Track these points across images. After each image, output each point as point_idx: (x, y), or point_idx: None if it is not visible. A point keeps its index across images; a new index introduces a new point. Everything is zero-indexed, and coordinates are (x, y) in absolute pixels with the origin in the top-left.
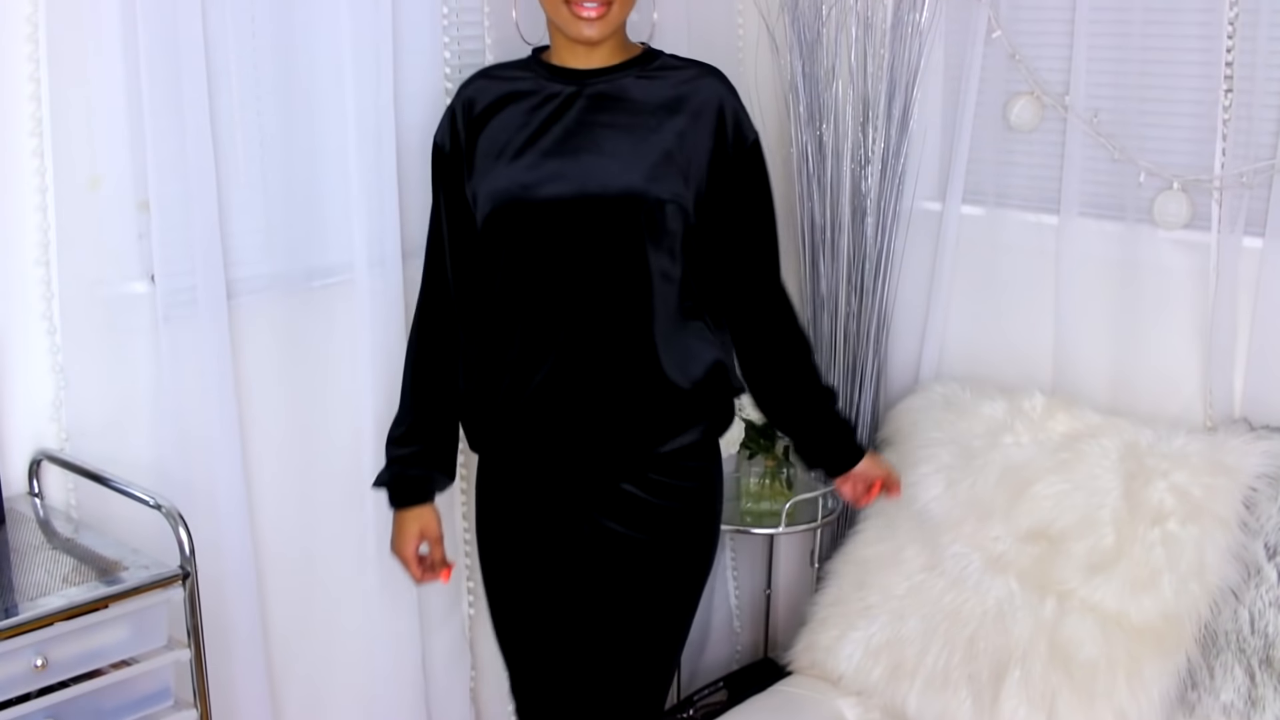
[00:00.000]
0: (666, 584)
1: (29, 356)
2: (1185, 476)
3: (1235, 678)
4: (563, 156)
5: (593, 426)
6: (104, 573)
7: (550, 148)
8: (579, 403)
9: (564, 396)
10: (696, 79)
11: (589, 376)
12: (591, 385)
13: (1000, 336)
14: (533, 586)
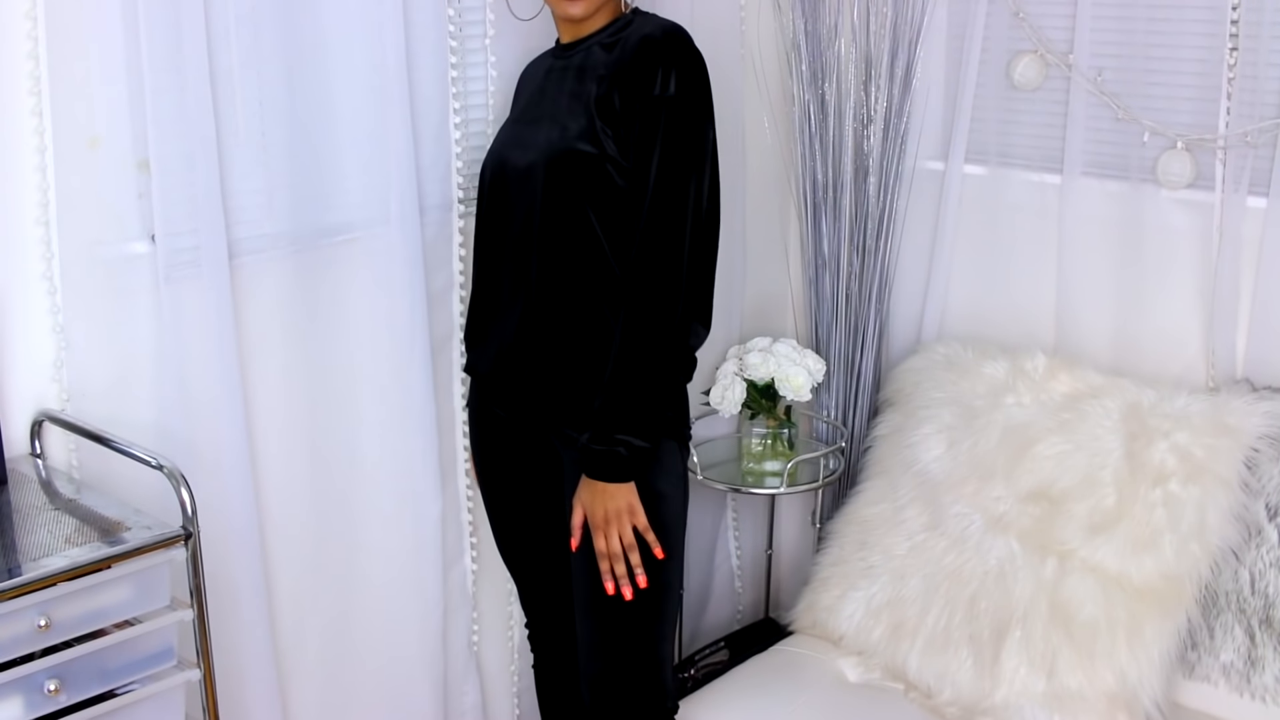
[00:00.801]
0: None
1: (29, 317)
2: (1187, 437)
3: (1235, 638)
4: (526, 124)
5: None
6: (106, 533)
7: (519, 116)
8: (536, 355)
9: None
10: (633, 34)
11: (544, 334)
12: (546, 342)
13: (1002, 296)
14: (525, 511)
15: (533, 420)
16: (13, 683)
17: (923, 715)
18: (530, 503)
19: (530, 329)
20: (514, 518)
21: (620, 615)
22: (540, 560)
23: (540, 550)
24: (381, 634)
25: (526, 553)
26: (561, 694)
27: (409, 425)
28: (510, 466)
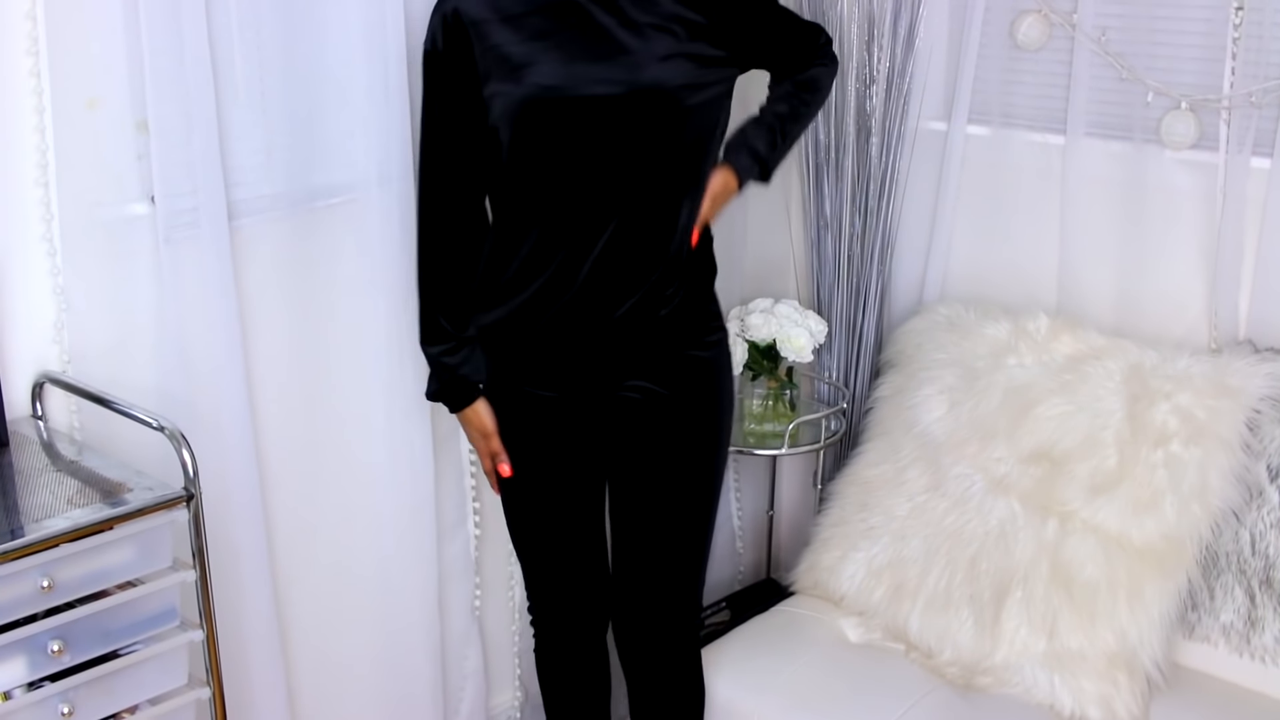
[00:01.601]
0: (696, 438)
1: (29, 278)
2: (1189, 398)
3: (1235, 599)
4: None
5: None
6: (108, 494)
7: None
8: (605, 284)
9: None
10: None
11: (616, 259)
12: (617, 266)
13: (1005, 257)
14: (561, 478)
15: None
16: (16, 643)
17: (923, 675)
18: (581, 477)
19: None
20: (562, 496)
21: (705, 523)
22: (584, 536)
23: (585, 525)
24: (380, 597)
25: (571, 532)
26: (580, 662)
27: (405, 388)
28: (559, 444)
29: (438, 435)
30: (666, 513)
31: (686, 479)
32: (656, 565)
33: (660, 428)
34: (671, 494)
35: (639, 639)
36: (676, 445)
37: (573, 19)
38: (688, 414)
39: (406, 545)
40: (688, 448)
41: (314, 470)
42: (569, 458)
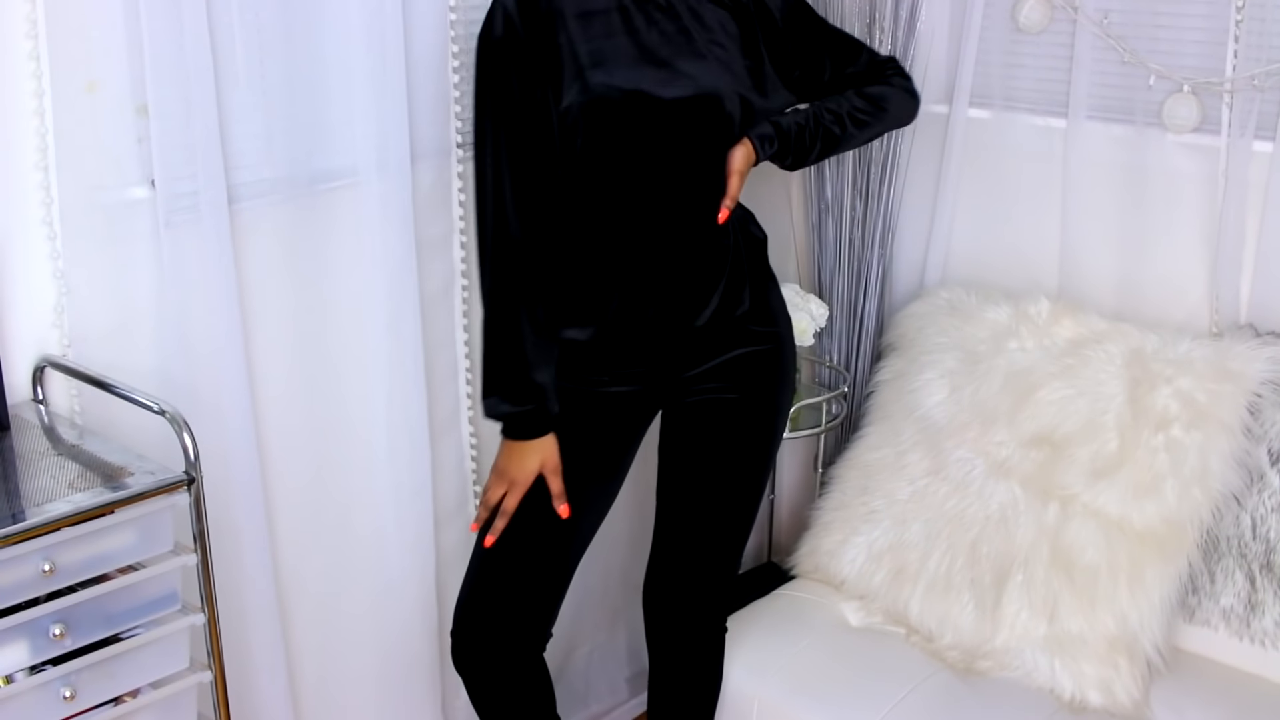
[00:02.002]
0: (758, 434)
1: (29, 262)
2: (1190, 382)
3: (1236, 582)
4: (660, 66)
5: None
6: (109, 478)
7: (641, 56)
8: (680, 290)
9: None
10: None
11: (687, 264)
12: (690, 271)
13: (1006, 241)
14: (592, 478)
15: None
16: (18, 627)
17: (924, 659)
18: (611, 476)
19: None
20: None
21: (753, 510)
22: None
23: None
24: (380, 580)
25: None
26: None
27: (405, 372)
28: (613, 439)
29: (436, 422)
30: (718, 502)
31: (743, 472)
32: (700, 550)
33: (725, 427)
34: (726, 486)
35: (672, 619)
36: (739, 442)
37: (639, 22)
38: (752, 415)
39: (406, 529)
40: (748, 444)
41: (315, 454)
42: (614, 455)
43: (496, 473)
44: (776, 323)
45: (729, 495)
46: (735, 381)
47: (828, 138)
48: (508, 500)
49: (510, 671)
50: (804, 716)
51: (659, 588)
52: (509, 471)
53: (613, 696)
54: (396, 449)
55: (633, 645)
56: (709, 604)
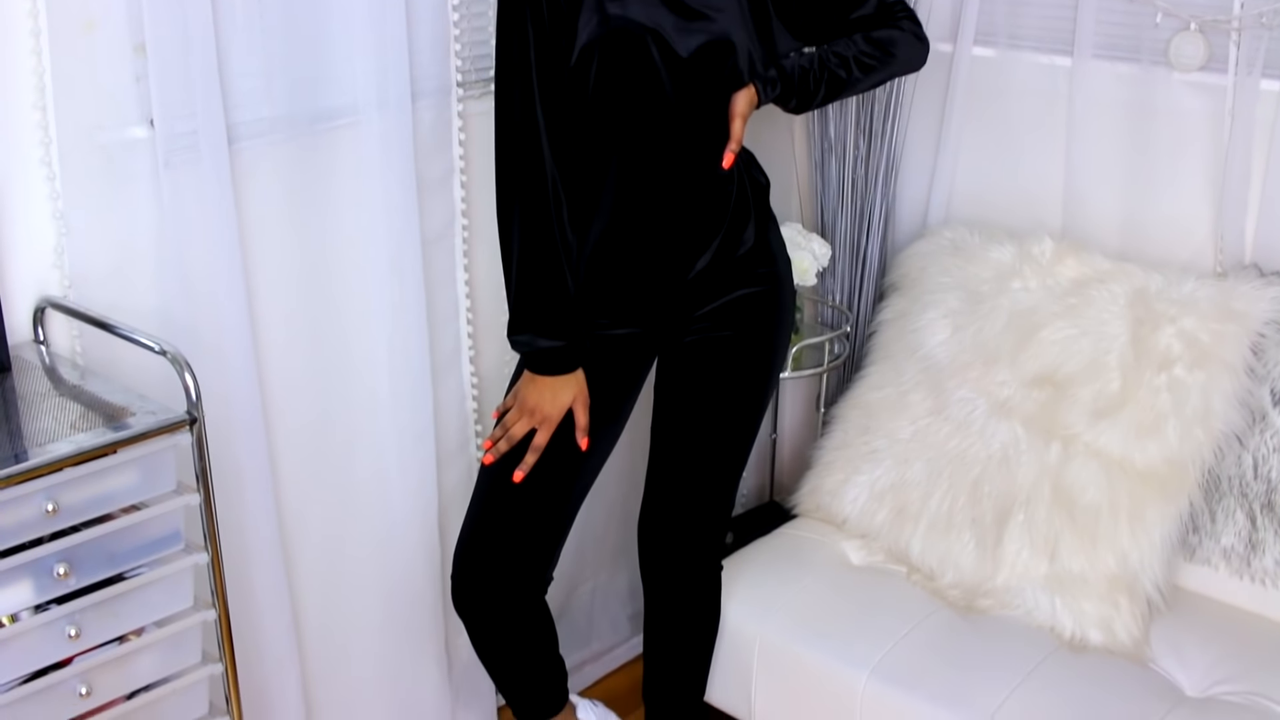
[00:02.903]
0: (754, 374)
1: (29, 203)
2: (1193, 322)
3: (1236, 522)
4: (675, 7)
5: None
6: (111, 419)
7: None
8: (684, 230)
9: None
10: None
11: (691, 203)
12: (683, 210)
13: (1010, 181)
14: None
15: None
16: (22, 566)
17: (925, 598)
18: (614, 419)
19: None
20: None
21: (746, 448)
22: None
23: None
24: (382, 520)
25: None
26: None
27: (406, 313)
28: (617, 383)
29: (437, 362)
30: (711, 441)
31: (737, 410)
32: (693, 489)
33: (721, 366)
34: (720, 424)
35: (666, 558)
36: (734, 381)
37: None
38: (748, 354)
39: (408, 469)
40: (743, 383)
41: (316, 394)
42: (616, 398)
43: (525, 409)
44: (775, 263)
45: (722, 434)
46: (733, 321)
47: (833, 82)
48: (539, 436)
49: (510, 614)
50: (805, 654)
51: (653, 526)
52: (541, 407)
53: (615, 634)
54: (398, 389)
55: (634, 583)
56: (702, 543)
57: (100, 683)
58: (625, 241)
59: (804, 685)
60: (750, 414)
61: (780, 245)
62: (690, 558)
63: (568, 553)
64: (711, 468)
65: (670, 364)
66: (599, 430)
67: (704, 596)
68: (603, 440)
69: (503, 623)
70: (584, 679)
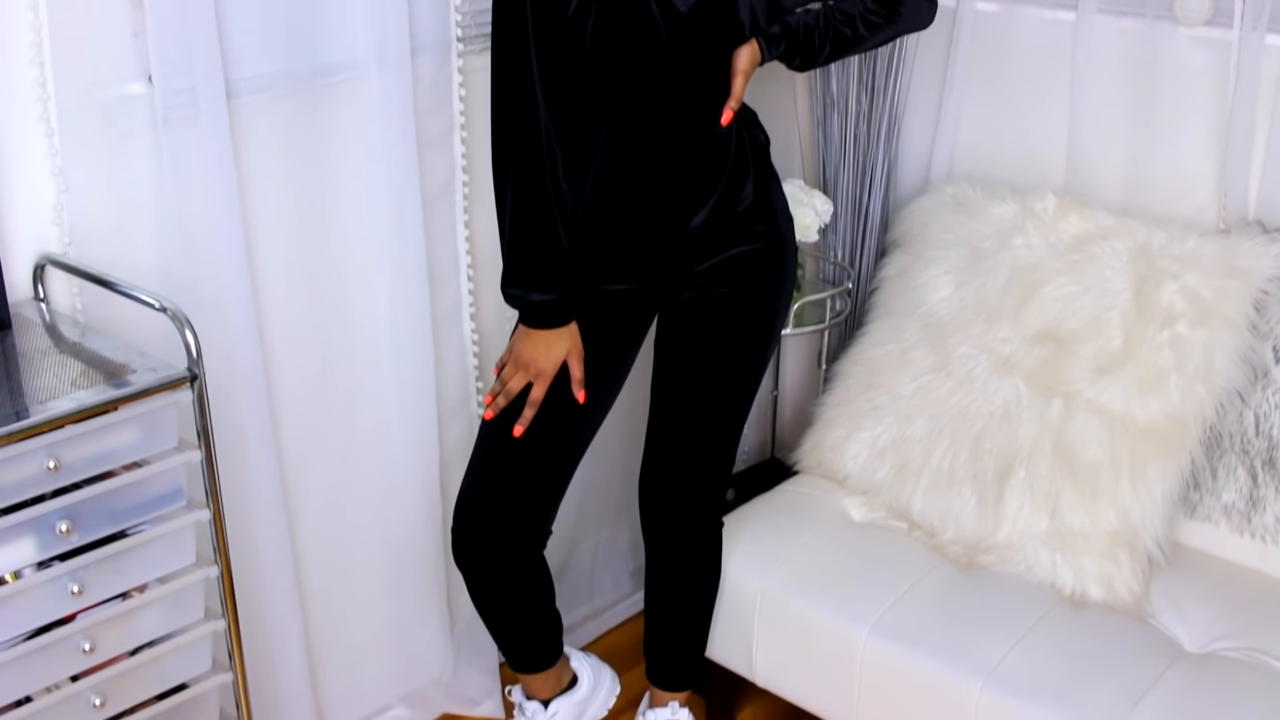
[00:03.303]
0: (754, 329)
1: (28, 160)
2: (1196, 279)
3: (1238, 479)
4: None
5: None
6: (112, 376)
7: None
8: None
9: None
10: None
11: (686, 161)
12: (679, 165)
13: (1013, 136)
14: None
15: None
16: (25, 523)
17: (926, 554)
18: (613, 375)
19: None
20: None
21: (740, 409)
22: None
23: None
24: (384, 476)
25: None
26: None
27: (407, 270)
28: (614, 339)
29: (438, 318)
30: (711, 398)
31: (736, 367)
32: (693, 446)
33: (720, 322)
34: (719, 381)
35: (666, 515)
36: (733, 338)
37: None
38: (747, 310)
39: (410, 426)
40: (743, 339)
41: (317, 351)
42: (614, 354)
43: (520, 364)
44: (775, 220)
45: (720, 391)
46: (732, 278)
47: (838, 40)
48: (535, 390)
49: (509, 568)
50: (806, 610)
51: (653, 483)
52: (536, 361)
53: (616, 590)
54: (399, 345)
55: (635, 540)
56: (703, 499)
57: (103, 639)
58: (621, 195)
59: (805, 641)
60: (749, 371)
61: (782, 203)
62: (691, 514)
63: (569, 509)
64: (710, 425)
65: (669, 321)
66: (598, 386)
67: (705, 553)
68: (602, 396)
69: (501, 576)
70: (586, 635)
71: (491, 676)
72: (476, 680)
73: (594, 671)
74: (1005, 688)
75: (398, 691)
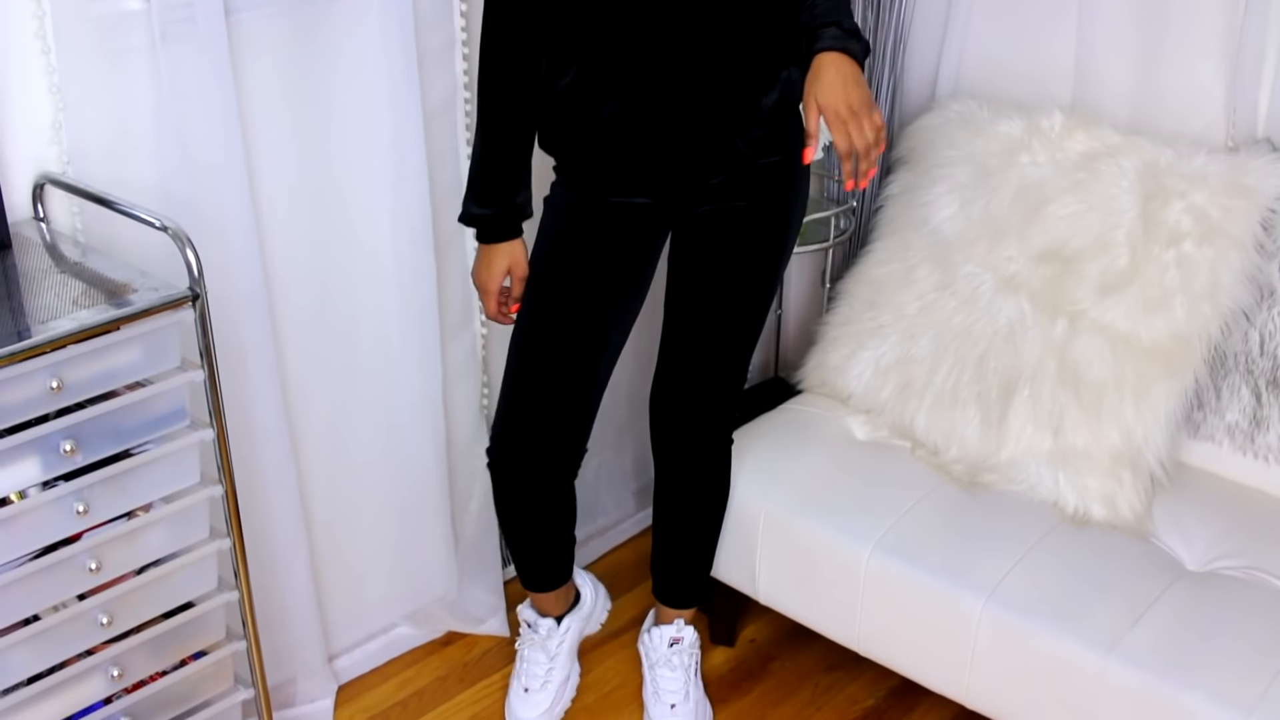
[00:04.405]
0: (767, 246)
1: (25, 78)
2: (1203, 197)
3: (1242, 398)
4: None
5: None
6: (113, 295)
7: None
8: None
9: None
10: None
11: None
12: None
13: (1020, 53)
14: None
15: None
16: (29, 443)
17: (929, 472)
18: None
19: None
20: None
21: (754, 324)
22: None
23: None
24: (386, 397)
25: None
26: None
27: (408, 188)
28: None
29: (439, 237)
30: (725, 312)
31: (750, 282)
32: (706, 361)
33: (735, 237)
34: (733, 296)
35: (678, 431)
36: (748, 252)
37: None
38: (762, 224)
39: (412, 345)
40: (758, 254)
41: (319, 269)
42: (633, 268)
43: (474, 282)
44: (791, 134)
45: (736, 305)
46: (748, 192)
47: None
48: (487, 306)
49: (546, 489)
50: (809, 528)
51: (665, 399)
52: (478, 275)
53: (619, 510)
54: (401, 263)
55: (638, 460)
56: (714, 416)
57: (110, 558)
58: (634, 107)
59: (808, 559)
60: (763, 286)
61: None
62: (702, 431)
63: None
64: (724, 339)
65: (684, 235)
66: (619, 300)
67: (715, 471)
68: (625, 311)
69: (537, 497)
70: (589, 554)
71: (496, 595)
72: (481, 599)
73: (593, 587)
74: (1007, 605)
75: (402, 610)
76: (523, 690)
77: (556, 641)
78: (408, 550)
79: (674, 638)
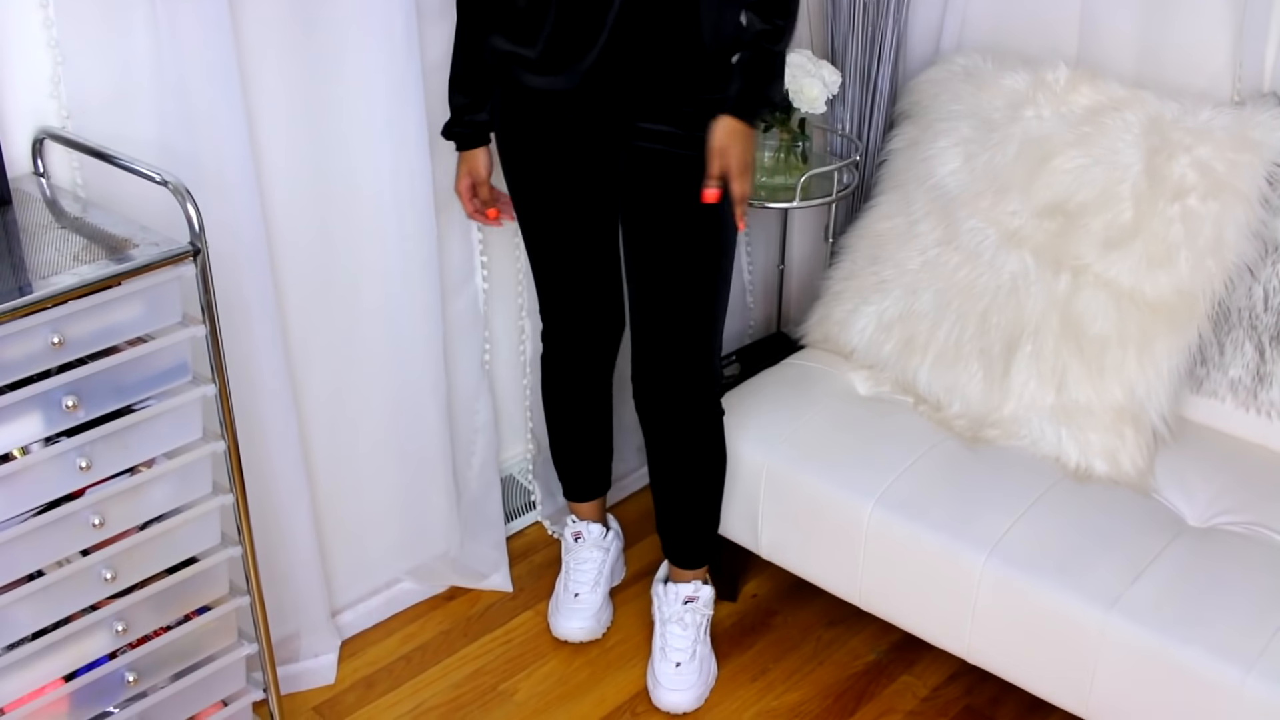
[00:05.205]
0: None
1: (24, 31)
2: (1209, 151)
3: (1245, 354)
4: None
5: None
6: (114, 250)
7: None
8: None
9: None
10: None
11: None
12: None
13: (1025, 6)
14: (569, 211)
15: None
16: (31, 399)
17: (931, 428)
18: (587, 205)
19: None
20: (569, 220)
21: (715, 278)
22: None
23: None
24: (388, 353)
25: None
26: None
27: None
28: (569, 171)
29: (440, 190)
30: (677, 266)
31: (698, 230)
32: (668, 320)
33: (675, 178)
34: (683, 246)
35: (657, 399)
36: (690, 197)
37: None
38: (703, 165)
39: (415, 299)
40: (698, 208)
41: (320, 223)
42: (586, 192)
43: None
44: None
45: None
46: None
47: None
48: (467, 208)
49: (591, 369)
50: (812, 483)
51: (640, 371)
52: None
53: (622, 464)
54: (403, 218)
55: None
56: (692, 384)
57: (113, 513)
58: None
59: (810, 515)
60: (708, 241)
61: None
62: (681, 400)
63: None
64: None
65: (629, 183)
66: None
67: (701, 439)
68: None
69: (583, 375)
70: None
71: (499, 551)
72: (484, 554)
73: (616, 532)
74: (1009, 560)
75: (406, 565)
76: (572, 596)
77: (608, 539)
78: (410, 505)
79: (690, 596)
